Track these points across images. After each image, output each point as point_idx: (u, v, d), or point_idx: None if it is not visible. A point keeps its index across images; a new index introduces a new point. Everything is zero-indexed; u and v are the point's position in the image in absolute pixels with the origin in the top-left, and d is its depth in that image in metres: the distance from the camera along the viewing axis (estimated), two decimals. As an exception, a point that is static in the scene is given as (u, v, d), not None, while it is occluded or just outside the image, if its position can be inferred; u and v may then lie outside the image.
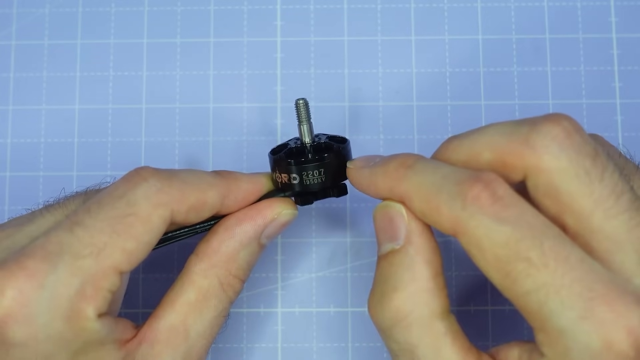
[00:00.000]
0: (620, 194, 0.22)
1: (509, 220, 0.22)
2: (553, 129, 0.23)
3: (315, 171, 0.27)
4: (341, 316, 0.34)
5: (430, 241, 0.25)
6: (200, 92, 0.35)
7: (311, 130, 0.29)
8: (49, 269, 0.23)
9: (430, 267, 0.24)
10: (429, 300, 0.24)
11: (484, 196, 0.22)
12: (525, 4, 0.36)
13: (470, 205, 0.22)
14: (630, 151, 0.29)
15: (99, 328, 0.24)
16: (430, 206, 0.23)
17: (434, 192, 0.23)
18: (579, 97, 0.35)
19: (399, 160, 0.25)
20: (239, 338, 0.34)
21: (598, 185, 0.22)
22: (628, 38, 0.35)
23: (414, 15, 0.36)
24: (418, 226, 0.25)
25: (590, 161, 0.22)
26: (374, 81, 0.35)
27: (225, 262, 0.27)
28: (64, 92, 0.35)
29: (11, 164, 0.35)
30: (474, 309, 0.34)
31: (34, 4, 0.36)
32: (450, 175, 0.23)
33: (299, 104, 0.29)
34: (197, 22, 0.36)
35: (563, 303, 0.21)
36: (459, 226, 0.22)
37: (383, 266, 0.25)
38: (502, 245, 0.22)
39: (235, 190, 0.27)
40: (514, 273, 0.21)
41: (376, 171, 0.26)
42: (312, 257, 0.34)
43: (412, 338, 0.24)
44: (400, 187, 0.24)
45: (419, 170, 0.24)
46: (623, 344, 0.20)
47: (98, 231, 0.24)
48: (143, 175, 0.25)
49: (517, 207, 0.22)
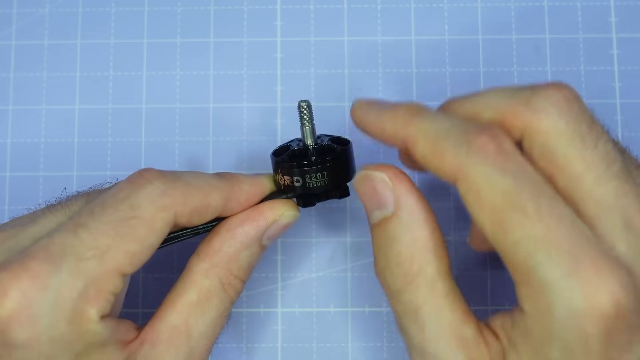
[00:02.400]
0: (611, 162, 0.23)
1: (511, 172, 0.22)
2: (554, 94, 0.23)
3: (317, 174, 0.27)
4: (341, 316, 0.34)
5: (420, 200, 0.25)
6: (200, 92, 0.35)
7: (314, 131, 0.29)
8: (53, 271, 0.23)
9: (427, 226, 0.25)
10: (432, 260, 0.24)
11: (490, 147, 0.23)
12: (525, 4, 0.36)
13: (475, 153, 0.23)
14: (630, 148, 0.29)
15: (102, 330, 0.24)
16: (434, 150, 0.24)
17: (440, 137, 0.24)
18: (579, 97, 0.35)
19: (409, 106, 0.26)
20: (239, 338, 0.34)
21: (591, 152, 0.23)
22: (628, 38, 0.35)
23: (414, 15, 0.36)
24: (405, 188, 0.25)
25: (587, 128, 0.23)
26: (374, 81, 0.35)
27: (226, 262, 0.27)
28: (64, 92, 0.35)
29: (11, 164, 0.35)
30: (473, 309, 0.33)
31: (34, 4, 0.36)
32: (458, 125, 0.24)
33: (301, 105, 0.29)
34: (197, 22, 0.36)
35: (551, 257, 0.21)
36: (460, 172, 0.23)
37: (380, 234, 0.25)
38: (500, 194, 0.22)
39: (237, 193, 0.27)
40: (507, 222, 0.22)
41: (384, 113, 0.26)
42: (312, 257, 0.34)
43: (417, 299, 0.24)
44: (407, 130, 0.25)
45: (427, 117, 0.25)
46: (605, 305, 0.21)
47: (101, 234, 0.24)
48: (147, 178, 0.25)
49: (519, 162, 0.23)
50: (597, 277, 0.21)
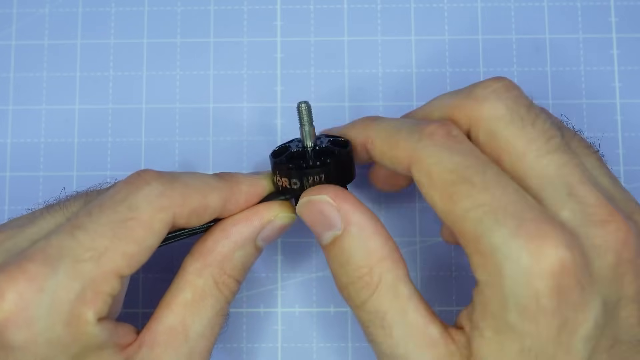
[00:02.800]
0: (550, 137, 0.25)
1: (460, 151, 0.24)
2: (493, 84, 0.26)
3: (316, 177, 0.27)
4: (341, 316, 0.34)
5: (366, 213, 0.26)
6: (200, 92, 0.35)
7: (313, 133, 0.28)
8: (50, 273, 0.23)
9: (378, 236, 0.26)
10: (390, 267, 0.26)
11: (439, 132, 0.25)
12: (525, 4, 0.36)
13: (426, 139, 0.25)
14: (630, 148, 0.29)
15: (99, 332, 0.24)
16: (390, 142, 0.26)
17: (394, 132, 0.26)
18: (579, 97, 0.35)
19: (368, 116, 0.29)
20: (239, 338, 0.34)
21: (531, 129, 0.25)
22: (628, 38, 0.35)
23: (414, 15, 0.36)
24: (350, 205, 0.26)
25: (525, 109, 0.25)
26: (374, 81, 0.35)
27: (219, 261, 0.27)
28: (64, 92, 0.35)
29: (11, 164, 0.35)
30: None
31: (34, 4, 0.36)
32: (410, 122, 0.26)
33: (300, 107, 0.28)
34: (197, 22, 0.36)
35: (497, 221, 0.22)
36: (413, 157, 0.25)
37: (334, 253, 0.26)
38: (449, 170, 0.24)
39: (236, 194, 0.27)
40: (456, 194, 0.23)
41: (346, 127, 0.29)
42: (312, 257, 0.34)
43: (382, 306, 0.25)
44: (366, 133, 0.27)
45: (383, 120, 0.28)
46: (550, 261, 0.22)
47: (99, 235, 0.24)
48: (145, 179, 0.25)
49: (467, 144, 0.25)
50: (541, 236, 0.22)
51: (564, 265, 0.22)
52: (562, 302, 0.22)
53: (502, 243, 0.22)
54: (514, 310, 0.22)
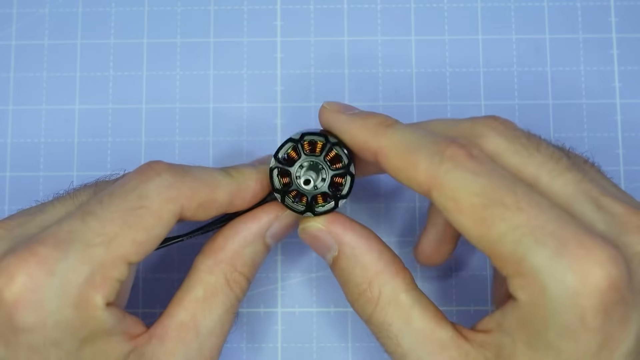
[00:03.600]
0: (558, 158, 0.25)
1: (484, 173, 0.23)
2: (490, 121, 0.26)
3: (320, 208, 0.27)
4: (341, 316, 0.34)
5: (357, 231, 0.27)
6: (200, 92, 0.35)
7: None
8: (60, 256, 0.23)
9: (372, 252, 0.26)
10: (387, 279, 0.26)
11: (461, 154, 0.24)
12: (525, 4, 0.36)
13: (448, 162, 0.24)
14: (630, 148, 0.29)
15: (107, 317, 0.24)
16: (407, 162, 0.25)
17: (412, 149, 0.25)
18: (579, 97, 0.35)
19: (380, 118, 0.27)
20: (239, 338, 0.34)
21: (537, 154, 0.25)
22: (628, 38, 0.35)
23: (414, 15, 0.36)
24: (340, 227, 0.27)
25: (525, 138, 0.25)
26: (373, 81, 0.35)
27: (230, 258, 0.27)
28: (64, 92, 0.35)
29: (11, 164, 0.35)
30: (473, 309, 0.34)
31: (34, 4, 0.36)
32: (428, 137, 0.25)
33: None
34: (197, 22, 0.36)
35: (537, 241, 0.22)
36: (435, 181, 0.24)
37: (337, 271, 0.27)
38: (478, 194, 0.23)
39: (244, 191, 0.27)
40: (489, 219, 0.22)
41: (354, 121, 0.27)
42: (312, 257, 0.34)
43: (386, 317, 0.26)
44: (378, 142, 0.26)
45: (398, 129, 0.26)
46: (597, 279, 0.21)
47: (109, 221, 0.24)
48: (156, 169, 0.26)
49: (490, 164, 0.24)
50: (585, 253, 0.21)
51: (611, 281, 0.21)
52: (606, 319, 0.21)
53: (545, 264, 0.21)
54: (555, 329, 0.22)
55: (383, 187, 0.34)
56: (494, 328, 0.24)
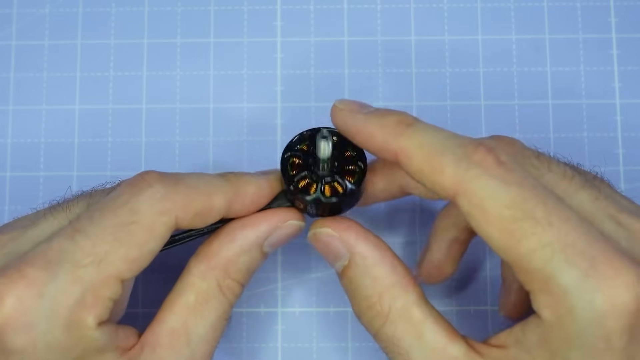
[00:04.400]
0: (571, 176, 0.24)
1: (514, 182, 0.22)
2: (496, 143, 0.24)
3: (332, 207, 0.27)
4: (341, 316, 0.34)
5: (370, 241, 0.26)
6: (200, 92, 0.35)
7: (332, 164, 0.27)
8: (49, 278, 0.23)
9: (384, 264, 0.26)
10: (398, 293, 0.25)
11: (489, 159, 0.23)
12: (525, 4, 0.36)
13: (475, 167, 0.23)
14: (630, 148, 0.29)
15: (99, 336, 0.24)
16: (432, 166, 0.23)
17: (436, 152, 0.23)
18: (579, 97, 0.35)
19: (399, 116, 0.25)
20: (239, 338, 0.34)
21: (548, 174, 0.24)
22: (628, 38, 0.35)
23: (414, 15, 0.36)
24: (353, 235, 0.26)
25: (535, 158, 0.25)
26: (374, 81, 0.35)
27: (224, 265, 0.27)
28: (64, 92, 0.35)
29: (11, 164, 0.35)
30: (474, 309, 0.34)
31: (34, 4, 0.36)
32: (453, 139, 0.24)
33: (323, 138, 0.26)
34: (197, 22, 0.36)
35: (568, 260, 0.21)
36: (462, 187, 0.23)
37: (346, 282, 0.26)
38: (507, 205, 0.22)
39: (242, 196, 0.27)
40: (519, 232, 0.22)
41: (372, 120, 0.25)
42: (312, 257, 0.34)
43: (396, 332, 0.25)
44: (399, 143, 0.24)
45: (420, 129, 0.24)
46: (626, 301, 0.21)
47: (100, 239, 0.24)
48: (148, 181, 0.25)
49: (519, 171, 0.23)
50: (614, 274, 0.21)
51: (638, 302, 0.21)
52: (632, 339, 0.21)
53: (575, 285, 0.21)
54: (580, 349, 0.22)
55: (383, 187, 0.34)
56: (511, 344, 0.23)
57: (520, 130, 0.35)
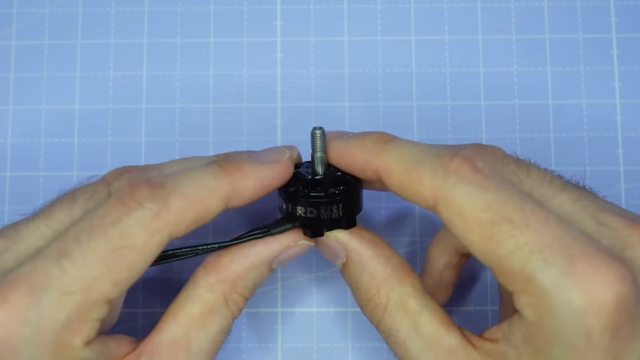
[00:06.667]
0: (550, 180, 0.24)
1: (490, 187, 0.23)
2: (478, 150, 0.25)
3: (333, 206, 0.27)
4: (341, 316, 0.34)
5: (364, 238, 0.27)
6: (200, 92, 0.35)
7: (324, 162, 0.27)
8: (33, 303, 0.22)
9: (379, 258, 0.27)
10: (396, 285, 0.26)
11: (465, 167, 0.23)
12: (525, 4, 0.36)
13: (452, 176, 0.23)
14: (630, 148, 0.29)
15: (88, 355, 0.24)
16: (411, 178, 0.24)
17: (415, 164, 0.24)
18: (579, 97, 0.35)
19: (377, 135, 0.26)
20: (239, 338, 0.34)
21: (527, 179, 0.24)
22: (628, 38, 0.35)
23: (414, 15, 0.36)
24: (346, 234, 0.27)
25: (514, 165, 0.25)
26: (374, 81, 0.35)
27: (233, 279, 0.27)
28: (64, 92, 0.35)
29: (11, 164, 0.35)
30: (473, 309, 0.34)
31: (34, 4, 0.36)
32: (430, 150, 0.25)
33: (315, 133, 0.27)
34: (197, 22, 0.36)
35: (546, 261, 0.22)
36: (440, 196, 0.23)
37: (346, 278, 0.28)
38: (484, 210, 0.23)
39: (241, 192, 0.26)
40: (497, 235, 0.22)
41: (352, 143, 0.27)
42: (312, 257, 0.34)
43: (394, 323, 0.26)
44: (379, 160, 0.25)
45: (398, 145, 0.25)
46: (604, 297, 0.21)
47: (88, 266, 0.23)
48: (138, 199, 0.24)
49: (496, 177, 0.23)
50: (593, 272, 0.21)
51: (619, 300, 0.21)
52: (613, 338, 0.21)
53: (553, 284, 0.21)
54: (562, 347, 0.22)
55: (383, 187, 0.34)
56: (500, 338, 0.24)
57: (520, 130, 0.35)
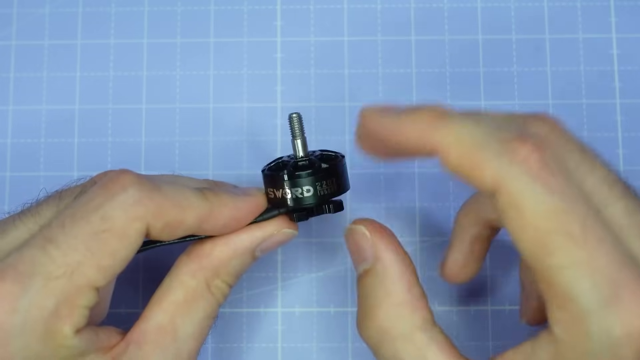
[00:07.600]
0: (611, 183, 0.22)
1: (556, 189, 0.21)
2: (540, 126, 0.23)
3: (310, 186, 0.26)
4: (341, 316, 0.34)
5: (397, 255, 0.25)
6: (200, 92, 0.35)
7: (305, 144, 0.28)
8: (21, 292, 0.23)
9: (402, 281, 0.25)
10: (406, 314, 0.24)
11: (533, 159, 0.21)
12: (525, 4, 0.36)
13: (518, 166, 0.21)
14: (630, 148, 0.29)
15: (78, 343, 0.24)
16: (471, 161, 0.22)
17: (477, 145, 0.22)
18: (579, 97, 0.35)
19: (432, 108, 0.23)
20: (239, 338, 0.34)
21: (590, 178, 0.22)
22: (628, 38, 0.35)
23: (414, 15, 0.36)
24: (384, 243, 0.25)
25: (579, 153, 0.23)
26: (374, 81, 0.35)
27: (215, 266, 0.27)
28: (64, 92, 0.35)
29: (11, 164, 0.35)
30: (473, 309, 0.34)
31: (34, 4, 0.36)
32: (494, 132, 0.22)
33: (292, 117, 0.28)
34: (197, 22, 0.36)
35: (594, 285, 0.21)
36: (501, 185, 0.21)
37: (361, 286, 0.26)
38: (545, 215, 0.21)
39: (216, 217, 0.26)
40: (552, 245, 0.21)
41: (404, 120, 0.23)
42: (312, 257, 0.34)
43: (397, 352, 0.24)
44: (435, 137, 0.22)
45: (457, 120, 0.22)
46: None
47: (72, 249, 0.23)
48: (122, 183, 0.24)
49: (563, 176, 0.21)
50: (635, 305, 0.20)
51: None
52: None
53: (595, 310, 0.21)
54: None
55: (383, 187, 0.34)
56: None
57: (520, 130, 0.35)
